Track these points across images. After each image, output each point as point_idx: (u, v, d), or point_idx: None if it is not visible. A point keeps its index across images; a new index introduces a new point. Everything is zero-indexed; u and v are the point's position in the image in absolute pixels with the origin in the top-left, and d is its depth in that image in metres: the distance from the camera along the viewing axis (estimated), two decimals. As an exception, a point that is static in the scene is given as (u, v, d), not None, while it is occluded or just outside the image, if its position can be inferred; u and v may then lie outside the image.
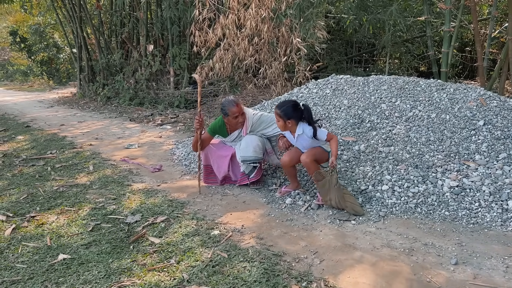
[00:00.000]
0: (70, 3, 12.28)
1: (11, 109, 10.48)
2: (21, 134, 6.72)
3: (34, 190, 3.84)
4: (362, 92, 4.70)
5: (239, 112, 3.77)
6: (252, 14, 7.10)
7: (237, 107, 3.76)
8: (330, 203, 3.19)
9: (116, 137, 6.50)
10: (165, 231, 2.86)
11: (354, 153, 3.88)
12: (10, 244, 2.72)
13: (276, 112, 3.35)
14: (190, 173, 4.39)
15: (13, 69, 26.36)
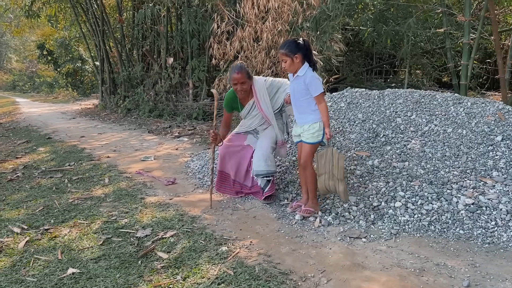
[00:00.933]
0: (93, 17, 12.62)
1: (35, 120, 10.78)
2: (42, 146, 6.89)
3: (50, 202, 3.92)
4: (377, 105, 4.65)
5: (238, 80, 3.65)
6: (269, 27, 7.14)
7: (237, 74, 3.65)
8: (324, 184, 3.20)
9: (134, 149, 6.59)
10: (174, 246, 2.87)
11: (368, 168, 3.83)
12: (22, 257, 2.77)
13: (281, 53, 3.21)
14: (203, 186, 4.41)
15: (40, 81, 27.21)
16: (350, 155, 4.06)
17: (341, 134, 4.44)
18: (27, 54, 33.49)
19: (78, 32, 15.39)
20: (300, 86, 3.24)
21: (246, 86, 3.73)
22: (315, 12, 6.86)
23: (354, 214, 3.31)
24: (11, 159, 5.94)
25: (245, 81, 3.71)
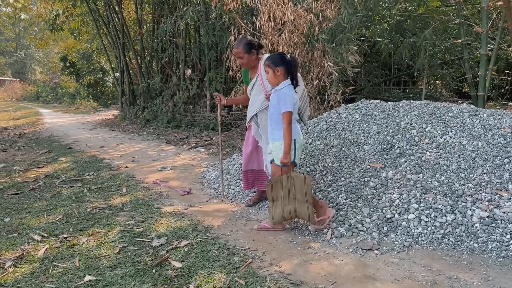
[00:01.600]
0: (114, 30, 12.95)
1: (57, 131, 11.07)
2: (63, 156, 7.08)
3: (69, 211, 4.03)
4: (392, 117, 4.65)
5: (236, 54, 3.72)
6: (285, 39, 7.23)
7: (236, 48, 3.73)
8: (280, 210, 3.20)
9: (152, 159, 6.71)
10: (188, 256, 2.93)
11: (382, 180, 3.82)
12: (42, 264, 2.86)
13: (265, 64, 3.27)
14: (218, 196, 4.47)
15: (62, 92, 27.90)
16: (364, 166, 4.06)
17: (355, 146, 4.45)
18: (50, 66, 34.42)
19: (100, 44, 15.80)
20: (275, 100, 3.24)
21: (244, 60, 3.77)
22: (330, 24, 6.92)
23: (367, 226, 3.31)
24: (33, 169, 6.12)
25: (243, 56, 3.75)
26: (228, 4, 7.65)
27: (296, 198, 3.18)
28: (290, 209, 3.20)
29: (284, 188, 3.21)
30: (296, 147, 3.25)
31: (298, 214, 3.21)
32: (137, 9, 12.76)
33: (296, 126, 3.32)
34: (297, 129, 3.32)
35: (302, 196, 3.17)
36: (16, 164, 6.57)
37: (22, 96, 36.86)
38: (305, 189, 3.16)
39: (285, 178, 3.21)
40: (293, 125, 3.25)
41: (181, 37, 11.22)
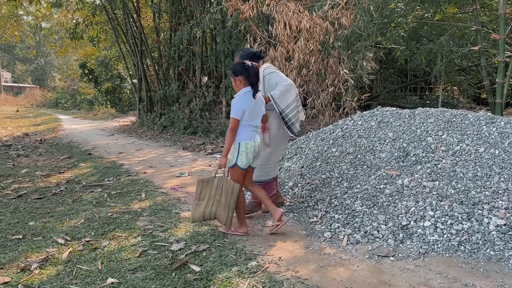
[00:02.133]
0: (132, 38, 13.22)
1: (76, 137, 11.31)
2: (83, 162, 7.25)
3: (91, 215, 4.14)
4: (408, 124, 4.67)
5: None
6: (300, 47, 7.30)
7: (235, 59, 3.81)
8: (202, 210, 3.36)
9: (169, 165, 6.83)
10: (206, 260, 3.00)
11: (398, 187, 3.84)
12: (66, 267, 2.97)
13: (228, 73, 3.47)
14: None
15: (80, 98, 28.44)
16: (380, 173, 4.09)
17: (371, 153, 4.48)
18: (69, 72, 35.14)
19: (118, 52, 16.12)
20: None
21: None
22: (346, 31, 6.97)
23: (383, 232, 3.34)
24: (55, 174, 6.29)
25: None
26: (244, 12, 7.77)
27: (220, 201, 3.37)
28: (211, 210, 3.37)
29: (213, 189, 3.42)
30: (240, 151, 3.41)
31: (217, 216, 3.38)
32: (154, 18, 13.00)
33: (248, 131, 3.44)
34: (249, 134, 3.44)
35: (226, 201, 3.35)
36: (38, 169, 6.75)
37: (42, 102, 37.67)
38: (230, 195, 3.35)
39: (217, 180, 3.45)
40: (245, 129, 3.43)
41: (198, 44, 11.39)
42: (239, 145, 3.43)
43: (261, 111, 3.56)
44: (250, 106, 3.40)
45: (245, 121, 3.42)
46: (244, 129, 3.43)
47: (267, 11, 7.61)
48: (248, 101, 3.39)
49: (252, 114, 3.43)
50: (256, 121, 3.51)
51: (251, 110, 3.41)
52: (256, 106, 3.46)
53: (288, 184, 4.59)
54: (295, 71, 7.79)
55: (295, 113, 3.85)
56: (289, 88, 3.74)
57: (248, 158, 3.44)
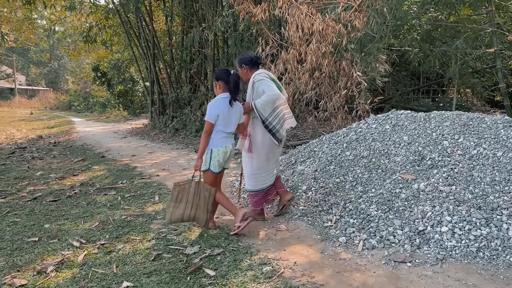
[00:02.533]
0: (145, 41, 13.31)
1: (90, 139, 11.41)
2: (96, 164, 7.30)
3: (105, 218, 4.16)
4: (423, 128, 4.61)
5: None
6: (313, 49, 7.28)
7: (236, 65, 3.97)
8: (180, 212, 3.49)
9: (182, 168, 6.85)
10: (221, 264, 2.99)
11: (413, 191, 3.80)
12: (81, 270, 2.98)
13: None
14: (248, 206, 4.52)
15: (93, 101, 28.72)
16: (395, 178, 4.04)
17: (386, 157, 4.43)
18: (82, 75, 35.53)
19: (130, 55, 16.24)
20: None
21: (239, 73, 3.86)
22: (359, 34, 6.92)
23: (399, 238, 3.30)
24: (69, 176, 6.35)
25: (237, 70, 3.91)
26: (256, 15, 7.78)
27: (199, 205, 3.55)
28: (190, 213, 3.53)
29: (191, 194, 3.55)
30: (213, 157, 3.56)
31: (196, 219, 3.57)
32: (167, 21, 13.07)
33: (220, 138, 3.56)
34: (221, 141, 3.56)
35: (204, 205, 3.55)
36: (52, 171, 6.82)
37: (55, 105, 38.13)
38: (208, 199, 3.56)
39: (193, 185, 3.57)
40: (217, 135, 3.56)
41: (210, 47, 11.43)
42: (211, 151, 3.56)
43: (237, 119, 3.62)
44: (224, 111, 3.51)
45: (219, 126, 3.53)
46: (217, 135, 3.56)
47: (279, 14, 7.60)
48: (222, 106, 3.51)
49: (226, 120, 3.54)
50: (230, 128, 3.60)
51: (225, 116, 3.52)
52: (231, 113, 3.55)
53: (301, 188, 4.56)
54: (307, 74, 7.78)
55: (279, 121, 3.76)
56: (274, 98, 3.68)
57: (220, 163, 3.60)
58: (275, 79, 3.95)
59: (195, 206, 3.52)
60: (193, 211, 3.52)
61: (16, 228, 3.91)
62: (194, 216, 3.53)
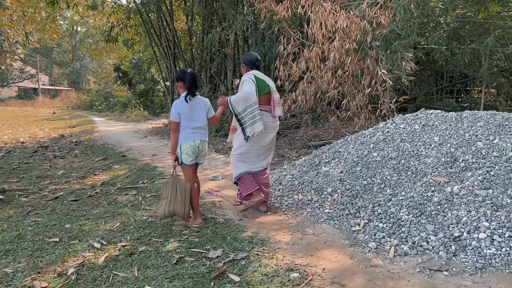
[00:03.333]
0: (165, 41, 13.32)
1: (111, 138, 11.46)
2: (117, 164, 7.28)
3: (126, 219, 4.09)
4: (455, 128, 4.40)
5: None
6: (336, 46, 7.09)
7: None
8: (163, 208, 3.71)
9: (202, 168, 6.75)
10: (245, 269, 2.87)
11: (447, 195, 3.60)
12: (102, 272, 2.90)
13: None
14: (271, 208, 4.39)
15: (114, 101, 29.04)
16: (427, 180, 3.85)
17: (415, 158, 4.24)
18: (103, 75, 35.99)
19: (151, 54, 16.30)
20: None
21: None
22: (385, 31, 6.71)
23: (432, 244, 3.12)
24: (90, 176, 6.33)
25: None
26: (278, 13, 7.64)
27: (177, 199, 3.73)
28: (170, 208, 3.71)
29: (171, 189, 3.77)
30: (182, 151, 3.83)
31: (175, 212, 3.74)
32: (187, 20, 13.06)
33: (186, 133, 3.81)
34: (188, 136, 3.81)
35: (181, 199, 3.73)
36: (74, 171, 6.82)
37: (77, 104, 38.73)
38: (185, 192, 3.75)
39: (171, 180, 3.81)
40: (184, 131, 3.82)
41: (230, 47, 11.34)
42: (180, 146, 3.84)
43: (202, 113, 3.90)
44: (184, 109, 3.78)
45: (184, 122, 3.80)
46: (183, 131, 3.82)
47: (301, 12, 7.45)
48: (183, 105, 3.78)
49: (189, 116, 3.80)
50: (196, 123, 3.84)
51: (186, 113, 3.78)
52: (193, 109, 3.81)
53: (326, 190, 4.40)
54: (330, 72, 7.59)
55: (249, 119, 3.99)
56: (245, 97, 3.97)
57: (189, 156, 3.84)
58: (265, 80, 4.16)
59: (173, 201, 3.73)
60: (172, 206, 3.72)
61: (37, 228, 3.87)
62: (173, 210, 3.72)
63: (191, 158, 3.84)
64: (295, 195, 4.55)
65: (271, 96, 4.14)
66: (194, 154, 3.86)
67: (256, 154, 4.21)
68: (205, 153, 4.00)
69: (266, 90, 4.09)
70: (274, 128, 4.23)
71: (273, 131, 4.22)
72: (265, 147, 4.22)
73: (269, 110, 4.13)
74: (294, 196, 4.53)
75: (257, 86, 4.01)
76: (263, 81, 4.11)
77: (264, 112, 4.08)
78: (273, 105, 4.14)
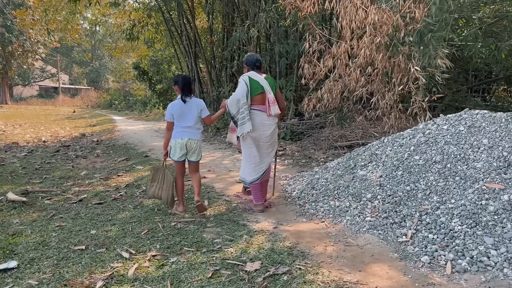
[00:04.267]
0: (186, 39, 13.15)
1: (132, 138, 11.34)
2: (140, 164, 7.11)
3: (153, 225, 3.88)
4: (506, 130, 4.06)
5: None
6: (366, 42, 6.77)
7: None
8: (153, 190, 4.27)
9: (227, 170, 6.53)
10: (288, 286, 2.61)
11: (504, 204, 3.28)
12: (132, 286, 2.68)
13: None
14: (305, 214, 4.13)
15: (134, 99, 29.11)
16: (479, 187, 3.53)
17: (463, 162, 3.92)
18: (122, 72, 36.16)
19: (172, 53, 16.15)
20: None
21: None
22: (419, 26, 6.36)
23: (494, 259, 2.81)
24: (113, 177, 6.16)
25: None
26: (305, 9, 7.35)
27: (162, 187, 4.24)
28: (158, 192, 4.26)
29: (160, 177, 4.29)
30: (171, 147, 4.23)
31: (161, 197, 4.26)
32: (209, 18, 12.86)
33: (177, 131, 4.19)
34: (178, 134, 4.18)
35: (166, 187, 4.23)
36: (96, 171, 6.67)
37: (97, 103, 39.05)
38: (169, 183, 4.22)
39: (161, 170, 4.33)
40: (175, 129, 4.21)
41: (253, 45, 11.09)
42: (171, 143, 4.24)
43: (194, 113, 4.19)
44: (177, 110, 4.16)
45: (176, 122, 4.19)
46: (175, 129, 4.22)
47: (329, 7, 7.15)
48: (176, 106, 4.17)
49: (180, 117, 4.17)
50: (185, 122, 4.17)
51: (179, 113, 4.16)
52: (185, 110, 4.16)
53: (365, 196, 4.11)
54: (358, 70, 7.27)
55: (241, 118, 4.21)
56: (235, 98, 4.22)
57: (178, 152, 4.18)
58: (259, 81, 4.26)
59: (160, 188, 4.26)
60: (158, 191, 4.26)
61: (62, 234, 3.69)
62: (160, 194, 4.26)
63: (178, 154, 4.17)
64: (331, 201, 4.27)
65: (266, 96, 4.25)
66: (182, 151, 4.18)
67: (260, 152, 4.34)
68: (195, 150, 4.23)
69: (259, 91, 4.24)
70: (271, 126, 4.32)
71: (270, 128, 4.31)
72: (266, 143, 4.36)
73: (264, 109, 4.25)
74: (330, 202, 4.25)
75: (250, 87, 4.21)
76: (256, 82, 4.25)
77: (258, 111, 4.24)
78: (268, 105, 4.24)
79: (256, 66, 4.38)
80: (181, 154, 4.17)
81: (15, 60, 40.59)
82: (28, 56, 41.78)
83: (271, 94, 4.26)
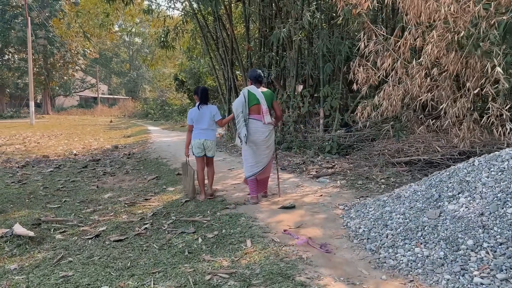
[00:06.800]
0: (223, 46, 12.38)
1: (165, 151, 10.60)
2: (172, 185, 6.28)
3: (182, 279, 2.96)
4: None
5: None
6: (435, 39, 5.66)
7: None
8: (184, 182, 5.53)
9: (270, 192, 5.57)
10: None
11: None
12: None
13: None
14: (383, 267, 3.09)
15: (170, 109, 28.84)
16: None
17: None
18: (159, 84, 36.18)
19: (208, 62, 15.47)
20: None
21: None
22: (505, 17, 5.19)
23: None
24: (140, 202, 5.35)
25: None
26: (360, 5, 6.31)
27: (186, 180, 5.34)
28: (185, 185, 5.45)
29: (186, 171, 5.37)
30: (192, 145, 5.29)
31: (185, 188, 5.47)
32: (246, 23, 12.04)
33: (195, 133, 5.25)
34: (196, 135, 5.24)
35: (189, 180, 5.28)
36: (122, 193, 5.89)
37: (133, 113, 39.23)
38: (191, 176, 5.26)
39: (185, 165, 5.44)
40: (194, 131, 5.25)
41: (294, 49, 10.15)
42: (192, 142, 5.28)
43: (208, 117, 5.22)
44: (195, 115, 5.21)
45: (195, 125, 5.24)
46: (194, 131, 5.26)
47: (389, 1, 6.10)
48: (193, 112, 5.25)
49: (197, 121, 5.21)
50: (202, 126, 5.22)
51: (196, 118, 5.21)
52: (201, 115, 5.20)
53: (465, 242, 3.02)
54: (423, 72, 6.13)
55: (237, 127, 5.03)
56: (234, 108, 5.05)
57: (196, 150, 5.25)
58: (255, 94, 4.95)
59: (185, 180, 5.40)
60: (185, 183, 5.40)
61: (65, 290, 2.84)
62: (185, 185, 5.43)
63: (198, 151, 5.25)
64: (416, 247, 3.20)
65: (261, 107, 4.93)
66: (200, 149, 5.25)
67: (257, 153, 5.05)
68: (210, 148, 5.31)
69: (254, 102, 4.95)
70: (265, 132, 4.97)
71: (264, 133, 4.97)
72: (263, 146, 5.03)
73: (259, 118, 4.95)
74: (415, 248, 3.18)
75: (248, 99, 4.95)
76: (253, 95, 4.97)
77: (254, 120, 4.96)
78: (262, 114, 4.92)
79: (258, 81, 5.07)
80: (199, 150, 5.24)
81: (57, 71, 41.56)
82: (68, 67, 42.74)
83: (265, 105, 4.94)
